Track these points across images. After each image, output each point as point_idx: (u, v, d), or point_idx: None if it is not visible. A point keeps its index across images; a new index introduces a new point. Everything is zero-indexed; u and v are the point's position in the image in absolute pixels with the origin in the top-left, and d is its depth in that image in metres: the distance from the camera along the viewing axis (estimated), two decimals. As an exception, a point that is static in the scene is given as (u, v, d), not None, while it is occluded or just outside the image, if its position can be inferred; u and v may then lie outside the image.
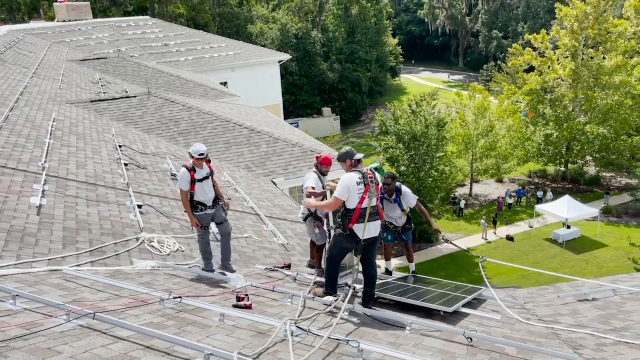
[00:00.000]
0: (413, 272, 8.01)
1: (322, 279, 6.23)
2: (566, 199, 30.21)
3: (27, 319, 3.92)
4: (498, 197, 36.30)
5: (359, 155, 5.62)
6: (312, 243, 7.00)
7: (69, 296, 4.72)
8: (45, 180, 8.03)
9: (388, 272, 7.85)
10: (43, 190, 7.62)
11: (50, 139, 10.33)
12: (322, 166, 6.89)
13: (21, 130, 10.49)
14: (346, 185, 5.27)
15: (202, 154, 6.20)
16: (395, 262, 26.89)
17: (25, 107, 12.51)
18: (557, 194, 35.20)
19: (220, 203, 6.53)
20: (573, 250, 28.91)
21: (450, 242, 8.32)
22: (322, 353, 4.01)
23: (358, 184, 5.31)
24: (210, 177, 6.39)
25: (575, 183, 39.37)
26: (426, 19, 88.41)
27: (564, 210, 29.09)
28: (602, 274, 25.53)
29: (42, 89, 15.43)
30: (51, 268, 5.55)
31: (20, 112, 11.91)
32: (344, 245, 5.49)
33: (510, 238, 30.96)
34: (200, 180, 6.30)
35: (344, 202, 5.32)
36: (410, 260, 8.13)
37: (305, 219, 6.79)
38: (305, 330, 4.27)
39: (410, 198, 7.45)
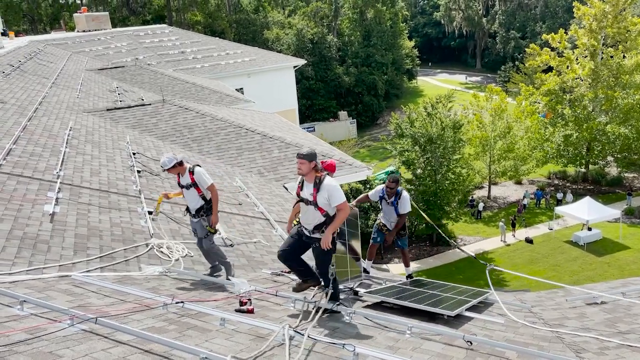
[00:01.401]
0: (409, 276, 8.05)
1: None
2: (587, 200, 29.76)
3: (32, 323, 4.05)
4: (519, 200, 35.85)
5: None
6: None
7: (75, 301, 4.84)
8: (59, 188, 8.24)
9: (366, 271, 7.89)
10: (57, 198, 7.82)
11: (66, 147, 10.57)
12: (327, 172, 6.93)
13: (38, 139, 10.76)
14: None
15: (161, 166, 6.34)
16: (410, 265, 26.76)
17: (44, 117, 12.82)
18: (578, 196, 34.68)
19: (204, 217, 6.40)
20: (595, 252, 28.44)
21: (459, 248, 8.32)
22: (318, 357, 4.05)
23: None
24: (193, 187, 6.34)
25: (597, 184, 38.72)
26: (442, 21, 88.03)
27: (584, 212, 28.66)
28: (625, 277, 25.05)
29: (60, 98, 15.79)
30: (61, 274, 5.70)
31: (39, 121, 12.22)
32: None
33: (529, 240, 30.59)
34: (183, 187, 6.44)
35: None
36: (406, 265, 8.21)
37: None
38: (302, 334, 4.32)
39: (406, 204, 7.57)
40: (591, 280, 23.97)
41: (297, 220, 5.47)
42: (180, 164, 6.34)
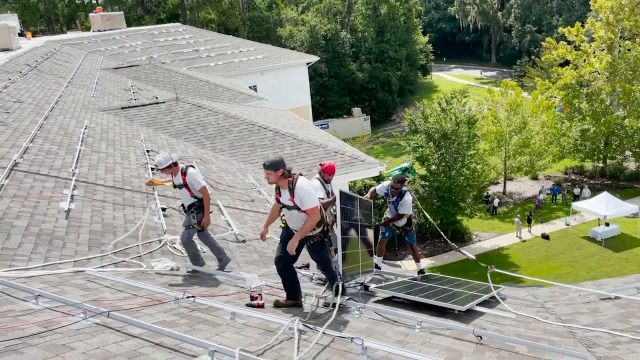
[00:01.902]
0: (420, 271, 8.05)
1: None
2: (604, 195, 29.35)
3: (46, 317, 4.13)
4: (535, 195, 35.42)
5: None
6: None
7: (89, 296, 4.93)
8: (74, 186, 8.37)
9: (377, 267, 7.91)
10: (72, 195, 7.95)
11: (81, 145, 10.73)
12: (326, 174, 6.90)
13: (54, 137, 10.93)
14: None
15: (156, 165, 6.52)
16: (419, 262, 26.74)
17: (60, 116, 13.01)
18: (596, 191, 34.20)
19: (194, 215, 6.52)
20: (612, 248, 28.05)
21: (459, 251, 8.35)
22: (327, 351, 4.08)
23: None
24: (184, 188, 6.46)
25: (615, 179, 38.17)
26: (457, 16, 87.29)
27: (602, 208, 28.27)
28: (643, 273, 24.71)
29: (76, 97, 16.00)
30: (76, 269, 5.80)
31: (55, 120, 12.41)
32: None
33: (545, 236, 30.28)
34: (175, 186, 6.59)
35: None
36: (416, 260, 8.22)
37: None
38: (311, 329, 4.35)
39: (406, 207, 7.65)
40: (608, 276, 23.64)
41: (284, 222, 5.43)
42: (175, 164, 6.44)
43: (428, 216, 9.37)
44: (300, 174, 5.26)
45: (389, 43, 63.70)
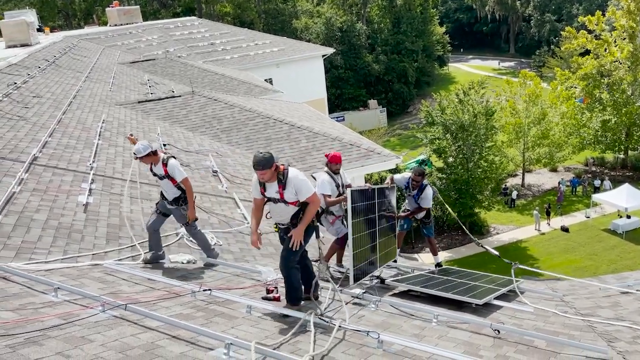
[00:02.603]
0: (438, 264, 7.98)
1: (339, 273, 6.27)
2: (625, 187, 28.84)
3: (65, 309, 4.19)
4: (556, 187, 34.81)
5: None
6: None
7: (107, 289, 4.98)
8: (92, 180, 8.46)
9: (394, 260, 7.86)
10: (90, 189, 8.03)
11: (99, 139, 10.83)
12: (333, 164, 6.66)
13: (72, 132, 11.05)
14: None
15: (134, 154, 6.17)
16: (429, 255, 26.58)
17: (78, 110, 13.16)
18: (617, 183, 33.62)
19: (183, 207, 6.34)
20: (634, 240, 27.57)
21: (482, 246, 8.22)
22: (344, 344, 4.07)
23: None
24: (167, 179, 6.24)
25: (636, 170, 37.44)
26: (474, 6, 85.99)
27: (623, 199, 27.78)
28: (666, 266, 24.27)
29: (93, 92, 16.16)
30: (94, 263, 5.87)
31: (73, 114, 12.55)
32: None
33: (565, 229, 29.88)
34: (156, 176, 6.37)
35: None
36: (434, 253, 8.16)
37: (318, 217, 6.72)
38: (327, 322, 4.34)
39: (427, 201, 7.60)
40: (629, 269, 23.28)
41: (276, 227, 5.17)
42: (155, 153, 6.22)
43: (450, 210, 9.25)
44: (290, 164, 4.95)
45: (405, 34, 63.09)
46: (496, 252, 8.14)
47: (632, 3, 35.35)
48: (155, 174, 6.38)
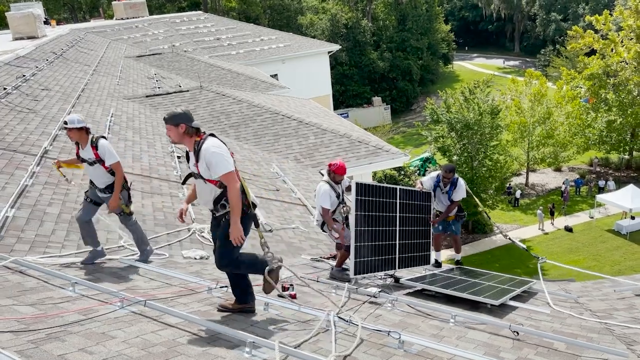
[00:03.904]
0: (458, 261, 7.93)
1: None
2: (630, 188, 28.74)
3: (84, 305, 4.17)
4: (561, 187, 34.68)
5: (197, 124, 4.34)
6: (338, 246, 6.92)
7: (123, 284, 4.96)
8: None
9: (438, 263, 7.80)
10: (101, 183, 8.00)
11: (108, 133, 10.80)
12: (338, 175, 6.43)
13: (82, 125, 11.01)
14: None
15: (65, 122, 5.59)
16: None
17: (86, 104, 13.13)
18: (621, 183, 33.54)
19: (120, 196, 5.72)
20: (638, 242, 27.50)
21: (510, 239, 8.13)
22: (365, 344, 4.05)
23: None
24: (98, 164, 5.60)
25: (641, 171, 37.40)
26: (480, 4, 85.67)
27: (627, 200, 27.69)
28: (670, 267, 24.22)
29: (101, 85, 16.13)
30: (108, 257, 5.85)
31: (82, 108, 12.52)
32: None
33: (569, 229, 29.83)
34: (85, 161, 5.71)
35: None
36: (457, 251, 8.08)
37: (322, 226, 6.61)
38: (347, 321, 4.31)
39: (461, 192, 7.50)
40: (634, 271, 23.24)
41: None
42: (87, 131, 5.65)
43: (478, 202, 9.16)
44: (212, 134, 4.27)
45: (410, 32, 62.91)
46: (523, 246, 8.07)
47: (640, 3, 35.17)
48: (83, 160, 5.71)
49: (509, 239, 8.01)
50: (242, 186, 4.22)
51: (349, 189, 6.57)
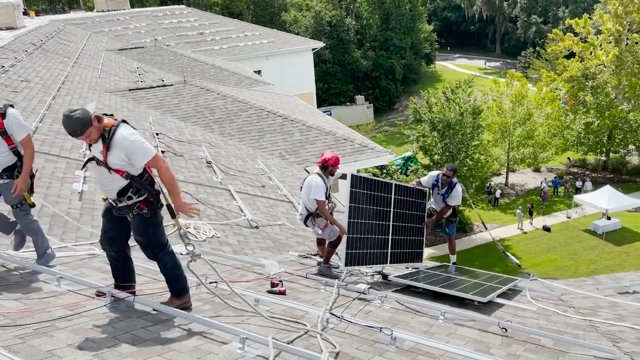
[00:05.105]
0: (454, 263, 8.01)
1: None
2: (607, 189, 29.31)
3: (71, 300, 4.08)
4: (542, 187, 35.11)
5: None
6: (319, 242, 6.88)
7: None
8: (86, 167, 8.26)
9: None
10: (85, 177, 7.86)
11: (90, 127, 10.60)
12: (333, 167, 6.34)
13: (63, 118, 10.80)
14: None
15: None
16: (428, 251, 26.71)
17: (67, 96, 12.88)
18: (598, 184, 34.20)
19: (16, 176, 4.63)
20: (613, 242, 28.09)
21: (504, 252, 8.26)
22: (356, 340, 4.04)
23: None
24: (1, 137, 4.55)
25: (617, 173, 38.15)
26: (462, 5, 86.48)
27: (604, 201, 28.23)
28: (644, 267, 24.77)
29: (82, 78, 15.84)
30: (93, 252, 5.74)
31: (63, 100, 12.28)
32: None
33: (547, 229, 30.31)
34: None
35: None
36: (452, 252, 8.17)
37: (305, 221, 6.47)
38: (339, 318, 4.30)
39: (457, 198, 7.56)
40: (609, 270, 23.70)
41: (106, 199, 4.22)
42: None
43: (475, 209, 9.29)
44: (124, 121, 3.97)
45: (393, 31, 63.13)
46: (517, 262, 8.18)
47: (620, 7, 35.84)
48: None
49: (504, 252, 8.18)
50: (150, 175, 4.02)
51: (343, 177, 6.53)
